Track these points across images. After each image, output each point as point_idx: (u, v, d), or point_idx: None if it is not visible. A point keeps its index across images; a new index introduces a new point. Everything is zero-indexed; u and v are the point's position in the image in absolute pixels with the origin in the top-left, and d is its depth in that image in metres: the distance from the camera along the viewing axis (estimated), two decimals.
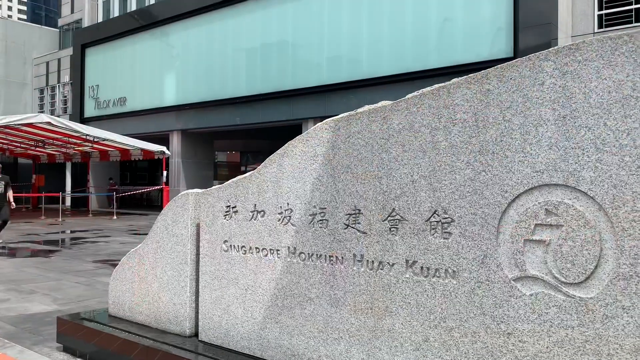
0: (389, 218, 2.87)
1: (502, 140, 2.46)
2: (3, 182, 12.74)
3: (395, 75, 18.33)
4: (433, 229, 2.69)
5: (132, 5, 31.28)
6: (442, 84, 2.73)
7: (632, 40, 2.10)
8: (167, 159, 24.88)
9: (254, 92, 22.54)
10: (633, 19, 14.90)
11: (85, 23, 34.37)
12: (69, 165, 34.09)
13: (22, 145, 27.09)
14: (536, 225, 2.35)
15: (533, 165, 2.36)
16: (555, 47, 2.32)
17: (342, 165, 3.11)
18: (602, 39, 2.18)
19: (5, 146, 28.03)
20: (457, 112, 2.62)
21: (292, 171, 3.40)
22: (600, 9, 15.45)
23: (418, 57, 17.88)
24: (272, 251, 3.49)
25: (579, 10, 15.78)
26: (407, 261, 2.80)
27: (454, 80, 2.65)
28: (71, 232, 16.76)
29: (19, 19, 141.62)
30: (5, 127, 20.77)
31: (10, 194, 12.82)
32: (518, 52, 15.65)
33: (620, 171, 2.13)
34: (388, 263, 2.87)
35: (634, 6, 14.88)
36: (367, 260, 2.97)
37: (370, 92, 18.97)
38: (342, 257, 3.09)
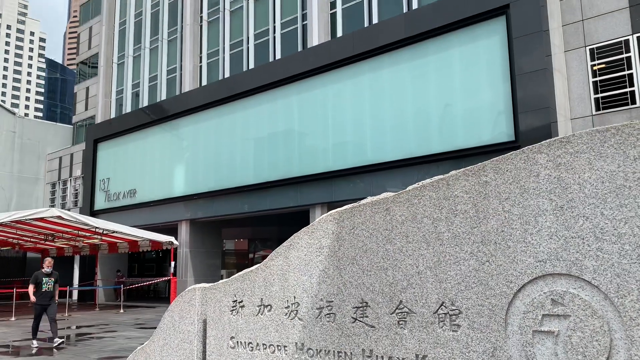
0: (396, 311, 2.85)
1: (503, 231, 2.50)
2: (52, 279, 12.46)
3: (399, 161, 18.66)
4: (441, 321, 2.67)
5: (144, 102, 32.63)
6: (442, 176, 2.81)
7: (619, 133, 2.20)
8: (175, 249, 24.86)
9: (261, 180, 22.92)
10: (629, 101, 15.33)
11: (99, 119, 35.74)
12: (77, 259, 34.05)
13: (32, 240, 27.26)
14: (544, 315, 2.34)
15: (535, 255, 2.38)
16: (548, 140, 2.42)
17: (347, 257, 3.14)
18: (590, 132, 2.28)
19: (15, 241, 28.21)
20: (457, 204, 2.68)
21: (298, 264, 3.42)
22: (596, 92, 15.96)
23: (421, 142, 18.29)
24: (279, 347, 3.44)
25: (576, 94, 16.29)
26: (417, 356, 2.75)
27: (452, 172, 2.74)
28: (77, 327, 16.46)
29: (35, 116, 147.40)
30: (17, 222, 21.04)
31: (57, 291, 12.73)
32: (519, 135, 15.98)
33: (622, 260, 2.15)
34: (398, 358, 2.82)
35: (628, 89, 15.37)
36: (377, 356, 2.91)
37: (376, 177, 19.25)
38: (351, 353, 3.04)
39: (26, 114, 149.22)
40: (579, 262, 2.26)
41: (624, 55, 15.54)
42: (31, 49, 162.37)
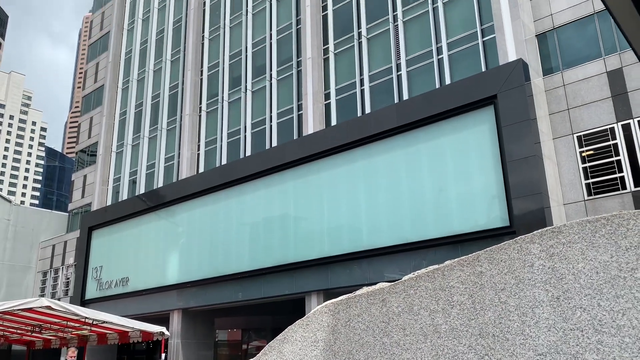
0: None
1: (501, 323, 2.45)
2: None
3: (395, 246, 18.58)
4: None
5: (141, 189, 32.90)
6: (437, 266, 2.80)
7: (609, 223, 2.23)
8: (166, 340, 24.03)
9: (256, 267, 22.63)
10: (619, 186, 15.58)
11: (94, 206, 35.83)
12: (64, 351, 32.76)
13: (18, 331, 26.36)
14: None
15: (535, 348, 2.32)
16: (540, 230, 2.44)
17: (343, 351, 3.05)
18: (581, 222, 2.31)
19: (1, 333, 27.26)
20: (453, 294, 2.65)
21: (292, 358, 3.31)
22: (586, 178, 16.25)
23: (416, 227, 18.31)
24: None
25: (567, 180, 16.58)
26: None
27: (447, 262, 2.73)
28: None
29: (31, 204, 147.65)
30: (4, 312, 20.45)
31: None
32: (514, 220, 16.06)
33: (623, 353, 2.10)
34: None
35: (618, 175, 15.67)
36: None
37: (372, 262, 19.07)
38: None
39: (22, 202, 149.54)
40: (580, 356, 2.20)
41: (611, 142, 15.99)
42: (32, 138, 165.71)
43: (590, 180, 16.15)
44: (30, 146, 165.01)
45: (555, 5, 18.34)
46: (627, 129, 15.80)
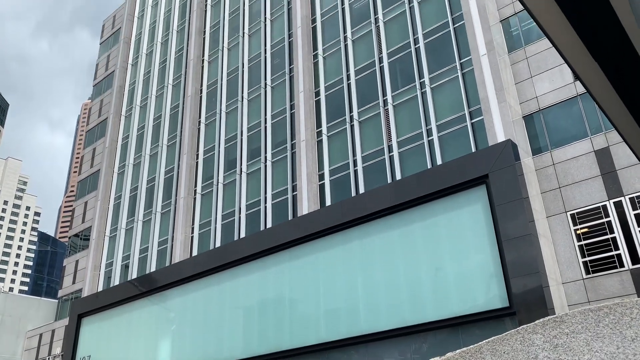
0: None
1: None
2: None
3: (394, 330, 18.07)
4: None
5: (134, 273, 32.35)
6: (439, 358, 2.70)
7: (612, 312, 2.18)
8: None
9: (250, 354, 21.81)
10: (617, 264, 15.47)
11: (85, 292, 35.02)
12: None
13: None
14: None
15: None
16: (542, 320, 2.38)
17: None
18: (584, 311, 2.26)
19: None
20: None
21: None
22: (583, 256, 16.17)
23: (415, 310, 17.91)
24: None
25: (564, 258, 16.47)
26: None
27: (449, 355, 2.63)
28: None
29: (20, 290, 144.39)
30: None
31: None
32: (512, 299, 15.75)
33: None
34: None
35: (614, 252, 15.61)
36: None
37: (371, 347, 18.46)
38: None
39: (11, 288, 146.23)
40: None
41: (605, 220, 16.06)
42: (25, 223, 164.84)
43: (588, 259, 16.06)
44: (23, 231, 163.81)
45: (540, 88, 19.06)
46: (619, 206, 15.94)
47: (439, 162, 20.40)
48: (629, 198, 15.87)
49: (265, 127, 28.18)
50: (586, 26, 2.68)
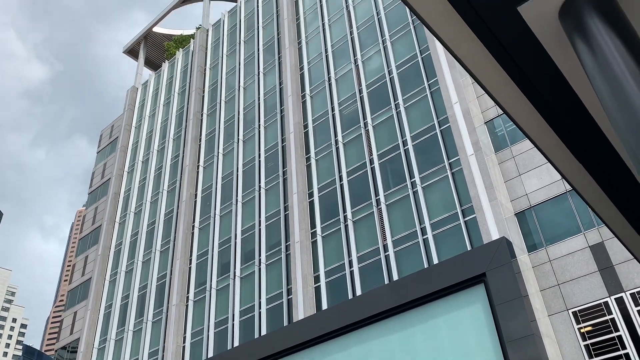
0: None
1: None
2: None
3: None
4: None
5: None
6: None
7: None
8: None
9: None
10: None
11: None
12: None
13: None
14: None
15: None
16: None
17: None
18: None
19: None
20: None
21: None
22: (590, 356, 15.58)
23: None
24: None
25: (570, 359, 15.85)
26: None
27: None
28: None
29: None
30: None
31: None
32: None
33: None
34: None
35: (622, 352, 15.07)
36: None
37: None
38: None
39: None
40: None
41: (608, 317, 15.67)
42: (10, 336, 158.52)
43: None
44: (7, 345, 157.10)
45: (529, 185, 19.41)
46: (621, 302, 15.63)
47: (435, 260, 20.23)
48: (630, 294, 15.60)
49: (260, 229, 28.16)
50: (566, 130, 2.78)
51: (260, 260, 27.03)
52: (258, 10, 38.85)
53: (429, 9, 2.14)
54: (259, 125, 32.35)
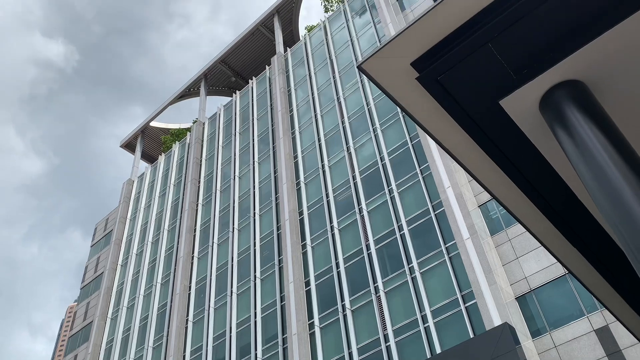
0: None
1: None
2: None
3: None
4: None
5: None
6: None
7: None
8: None
9: None
10: None
11: None
12: None
13: None
14: None
15: None
16: None
17: None
18: None
19: None
20: None
21: None
22: None
23: None
24: None
25: None
26: None
27: None
28: None
29: None
30: None
31: None
32: None
33: None
34: None
35: None
36: None
37: None
38: None
39: None
40: None
41: None
42: None
43: None
44: None
45: (527, 268, 19.24)
46: None
47: (437, 349, 19.56)
48: None
49: (255, 321, 27.39)
50: (557, 214, 2.82)
51: (256, 355, 26.06)
52: (253, 103, 40.23)
53: (417, 105, 2.25)
54: (254, 213, 32.42)
